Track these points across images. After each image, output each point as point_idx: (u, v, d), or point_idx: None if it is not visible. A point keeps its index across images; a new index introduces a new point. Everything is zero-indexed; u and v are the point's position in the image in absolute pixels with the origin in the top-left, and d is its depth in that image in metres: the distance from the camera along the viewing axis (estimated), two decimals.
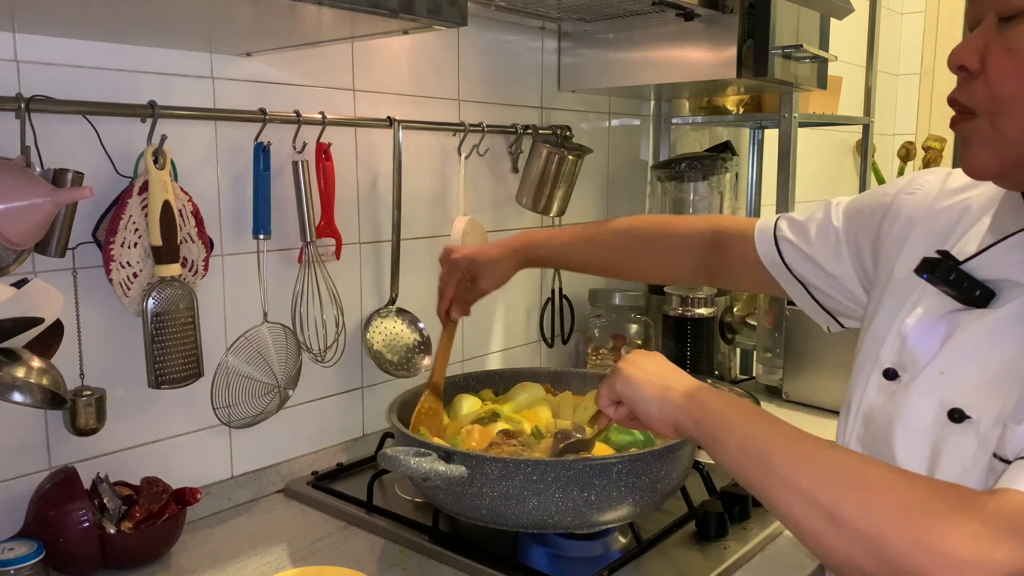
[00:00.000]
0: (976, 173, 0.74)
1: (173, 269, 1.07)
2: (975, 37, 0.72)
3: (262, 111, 1.18)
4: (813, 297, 1.03)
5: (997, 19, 0.70)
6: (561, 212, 1.63)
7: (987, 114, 0.71)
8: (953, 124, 0.75)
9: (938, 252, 0.76)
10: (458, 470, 0.95)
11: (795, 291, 1.04)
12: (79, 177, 0.98)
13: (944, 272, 0.74)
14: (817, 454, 0.65)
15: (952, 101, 0.75)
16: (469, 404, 1.27)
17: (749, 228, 1.07)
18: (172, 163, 1.08)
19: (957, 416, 0.70)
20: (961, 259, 0.75)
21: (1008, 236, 0.74)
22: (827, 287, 1.00)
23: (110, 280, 1.04)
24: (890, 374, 0.80)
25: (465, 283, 1.25)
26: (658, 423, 0.85)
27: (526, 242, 1.25)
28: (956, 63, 0.73)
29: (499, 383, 1.36)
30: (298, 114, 1.22)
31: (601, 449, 1.10)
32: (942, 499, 0.58)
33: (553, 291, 1.77)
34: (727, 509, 1.14)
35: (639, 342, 1.77)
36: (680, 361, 1.75)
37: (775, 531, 1.14)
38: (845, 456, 0.65)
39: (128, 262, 1.05)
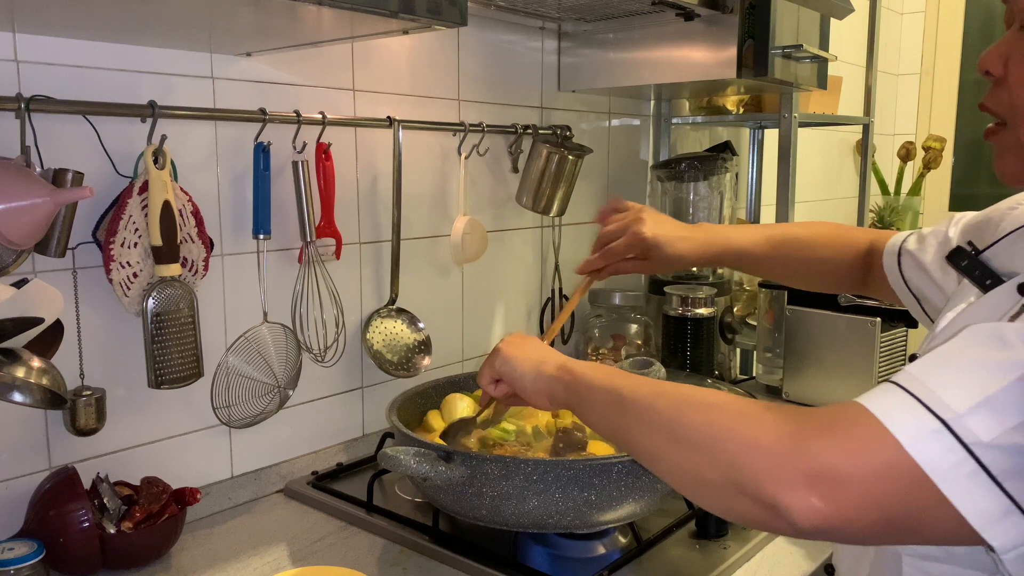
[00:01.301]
0: (1008, 180, 0.74)
1: (173, 269, 1.07)
2: (1002, 42, 0.71)
3: (262, 111, 1.18)
4: (925, 312, 1.01)
5: (1019, 26, 0.69)
6: (561, 212, 1.63)
7: (1011, 122, 0.71)
8: (986, 135, 0.75)
9: (968, 243, 0.78)
10: (458, 470, 0.95)
11: (910, 304, 1.03)
12: (79, 177, 0.98)
13: (959, 259, 0.75)
14: (666, 390, 0.70)
15: (982, 107, 0.75)
16: (464, 405, 1.27)
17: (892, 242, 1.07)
18: (172, 163, 1.08)
19: None
20: (981, 248, 0.76)
21: (1020, 227, 0.75)
22: (936, 299, 0.98)
23: (110, 280, 1.04)
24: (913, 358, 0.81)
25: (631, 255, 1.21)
26: (534, 395, 0.91)
27: (723, 247, 1.19)
28: (982, 68, 0.73)
29: None
30: (298, 114, 1.22)
31: (603, 449, 1.10)
32: (777, 410, 0.61)
33: (553, 291, 1.78)
34: None
35: (639, 342, 1.77)
36: (680, 361, 1.75)
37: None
38: (693, 389, 0.69)
39: (128, 262, 1.05)
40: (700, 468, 0.63)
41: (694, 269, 1.92)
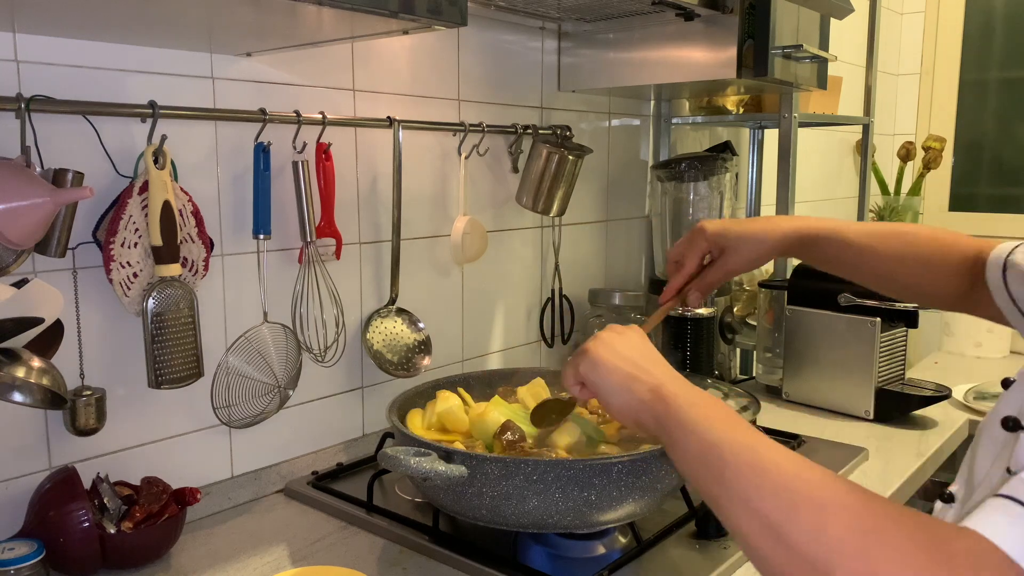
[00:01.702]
0: None
1: (173, 269, 1.07)
2: None
3: (262, 111, 1.18)
4: None
5: None
6: (561, 212, 1.63)
7: None
8: None
9: None
10: (458, 470, 0.95)
11: (1015, 319, 0.92)
12: (79, 177, 0.98)
13: None
14: (774, 468, 0.61)
15: None
16: (455, 403, 1.25)
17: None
18: (172, 163, 1.08)
19: (1011, 425, 0.65)
20: None
21: None
22: None
23: (110, 280, 1.04)
24: (1006, 383, 0.74)
25: (706, 259, 1.09)
26: (620, 415, 0.82)
27: (808, 229, 1.07)
28: None
29: (499, 383, 1.36)
30: (298, 114, 1.22)
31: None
32: (901, 529, 0.53)
33: (553, 291, 1.78)
34: None
35: None
36: (680, 361, 1.75)
37: None
38: (804, 472, 0.60)
39: (128, 262, 1.05)
40: None
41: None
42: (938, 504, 0.72)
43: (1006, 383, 0.71)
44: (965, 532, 0.51)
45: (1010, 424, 0.63)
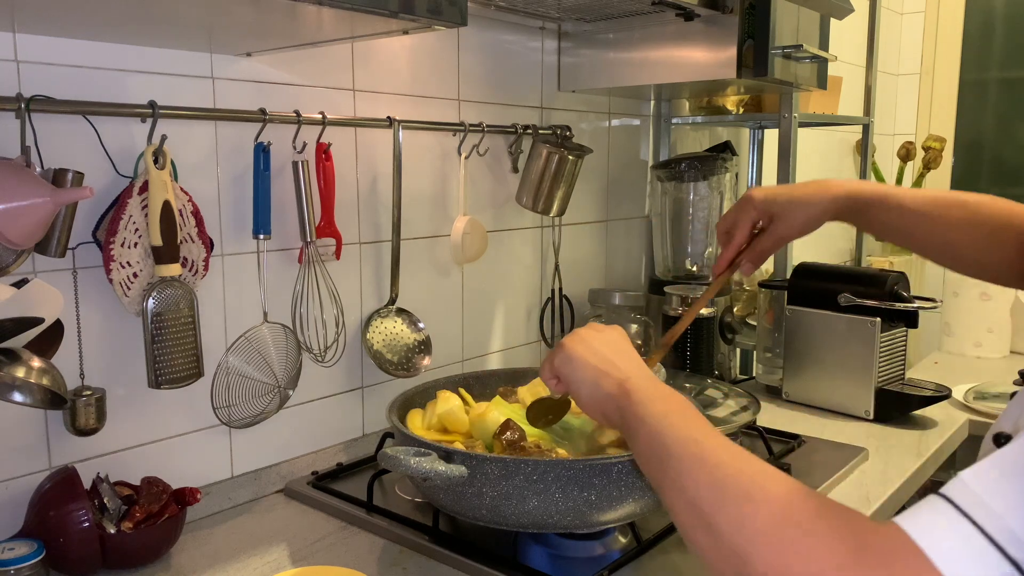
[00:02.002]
0: None
1: (173, 269, 1.07)
2: None
3: (262, 111, 1.18)
4: None
5: None
6: (561, 212, 1.63)
7: None
8: None
9: None
10: (458, 470, 0.95)
11: None
12: (79, 177, 0.98)
13: None
14: (713, 461, 0.62)
15: None
16: (455, 403, 1.25)
17: None
18: (172, 163, 1.08)
19: (1002, 441, 0.64)
20: None
21: None
22: None
23: (110, 280, 1.04)
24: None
25: (757, 227, 1.08)
26: (588, 408, 0.83)
27: (855, 192, 1.04)
28: None
29: (498, 383, 1.36)
30: (298, 114, 1.22)
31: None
32: (823, 520, 0.53)
33: (553, 291, 1.78)
34: None
35: (639, 342, 1.77)
36: (680, 361, 1.75)
37: None
38: (741, 465, 0.61)
39: (128, 262, 1.05)
40: (725, 571, 0.56)
41: (694, 269, 1.92)
42: None
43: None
44: (888, 526, 0.51)
45: (1001, 441, 0.63)
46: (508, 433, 1.07)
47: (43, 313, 0.95)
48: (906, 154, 2.97)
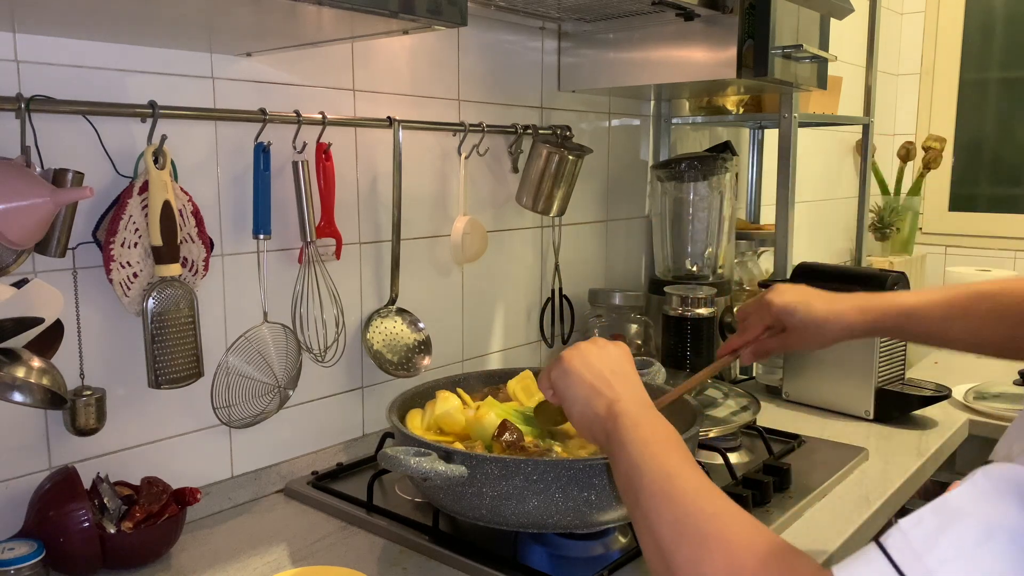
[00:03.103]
0: None
1: (173, 269, 1.07)
2: None
3: (262, 111, 1.18)
4: None
5: None
6: (561, 212, 1.63)
7: None
8: None
9: None
10: (458, 470, 0.95)
11: None
12: (79, 177, 0.98)
13: None
14: (680, 499, 0.64)
15: None
16: (454, 403, 1.25)
17: None
18: (172, 163, 1.08)
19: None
20: None
21: None
22: None
23: (110, 280, 1.04)
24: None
25: (772, 330, 1.09)
26: (578, 426, 0.84)
27: (878, 319, 1.03)
28: None
29: (499, 383, 1.36)
30: (298, 114, 1.22)
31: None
32: (767, 570, 0.55)
33: (553, 291, 1.78)
34: None
35: (639, 342, 1.77)
36: (680, 361, 1.75)
37: (776, 529, 1.14)
38: (705, 505, 0.63)
39: (128, 262, 1.05)
40: None
41: (694, 269, 1.92)
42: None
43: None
44: (827, 574, 0.52)
45: None
46: (506, 435, 1.07)
47: (43, 313, 0.95)
48: (906, 154, 2.97)
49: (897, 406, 1.61)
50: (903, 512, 1.28)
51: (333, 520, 1.19)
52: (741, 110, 2.04)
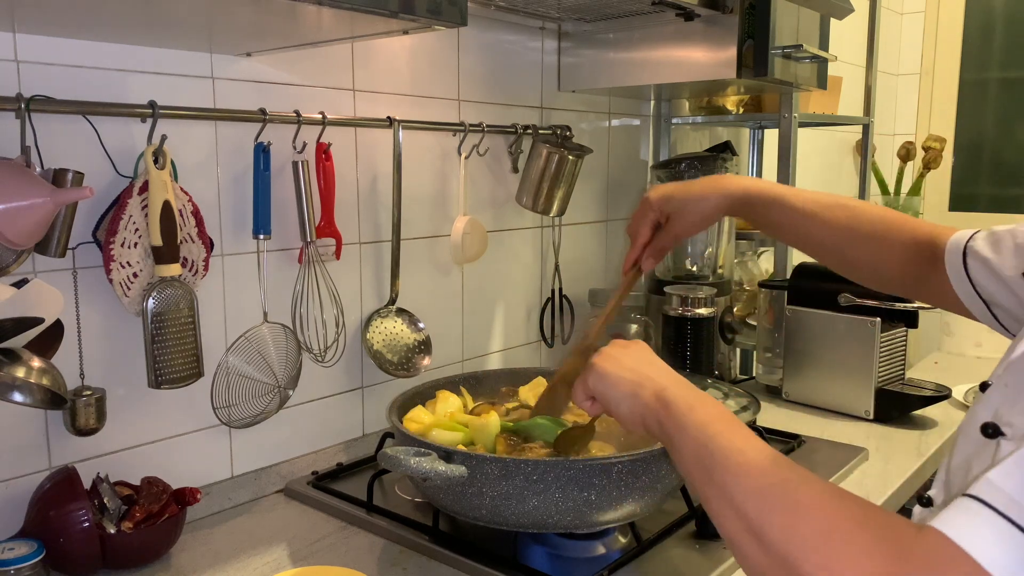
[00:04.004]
0: None
1: (173, 269, 1.07)
2: None
3: (262, 111, 1.18)
4: (997, 320, 0.91)
5: None
6: (561, 212, 1.63)
7: None
8: None
9: None
10: (458, 470, 0.95)
11: (979, 311, 0.91)
12: (79, 177, 0.98)
13: None
14: (758, 470, 0.64)
15: None
16: (454, 403, 1.25)
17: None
18: (172, 163, 1.08)
19: (991, 431, 0.65)
20: None
21: None
22: (1016, 310, 0.88)
23: (110, 280, 1.04)
24: (983, 386, 0.77)
25: (659, 225, 1.12)
26: (628, 422, 0.84)
27: (748, 190, 1.07)
28: None
29: (499, 383, 1.36)
30: (298, 114, 1.22)
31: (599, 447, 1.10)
32: (867, 529, 0.55)
33: (553, 291, 1.78)
34: None
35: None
36: (680, 361, 1.75)
37: None
38: (785, 473, 0.63)
39: (128, 262, 1.05)
40: None
41: (694, 269, 1.92)
42: (917, 508, 0.72)
43: (983, 387, 0.72)
44: (928, 531, 0.52)
45: (989, 431, 0.64)
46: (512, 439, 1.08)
47: (43, 313, 0.94)
48: (906, 154, 2.97)
49: (897, 406, 1.61)
50: (904, 512, 1.28)
51: (333, 520, 1.19)
52: (741, 110, 2.04)
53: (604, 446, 1.14)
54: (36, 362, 0.94)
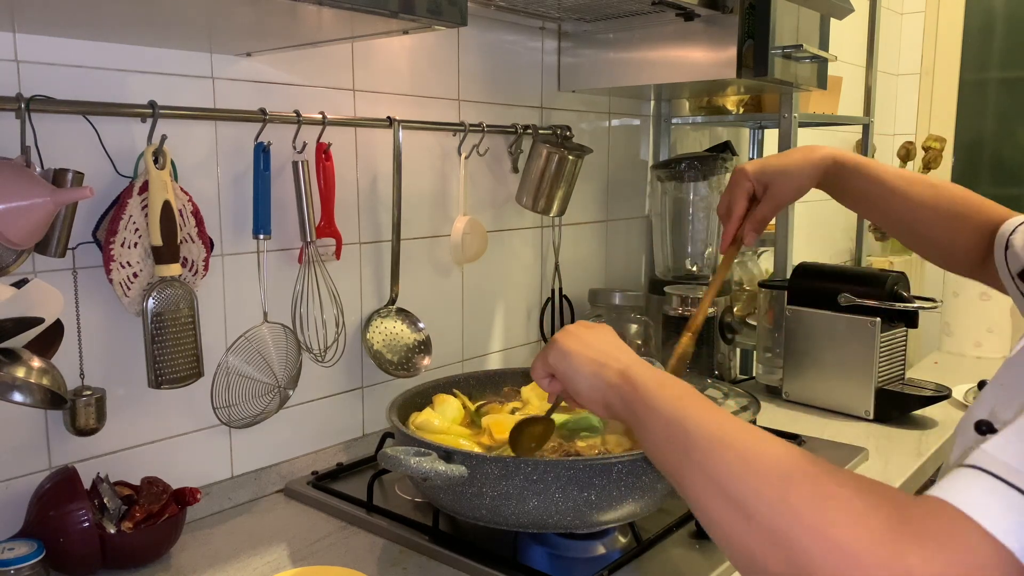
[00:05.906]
0: None
1: (173, 269, 1.07)
2: None
3: (262, 111, 1.18)
4: None
5: None
6: (561, 212, 1.63)
7: None
8: None
9: None
10: (458, 470, 0.95)
11: (1016, 298, 0.91)
12: (79, 177, 0.98)
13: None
14: (741, 443, 0.60)
15: None
16: (452, 407, 1.25)
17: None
18: (172, 163, 1.08)
19: (984, 428, 0.64)
20: None
21: None
22: None
23: (110, 280, 1.04)
24: (982, 385, 0.76)
25: (753, 197, 1.13)
26: (589, 401, 0.82)
27: (841, 156, 1.10)
28: None
29: (498, 383, 1.36)
30: (298, 114, 1.22)
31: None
32: (863, 495, 0.52)
33: (553, 291, 1.78)
34: None
35: (639, 342, 1.77)
36: None
37: None
38: (771, 446, 0.59)
39: (128, 262, 1.05)
40: (766, 557, 0.53)
41: (694, 269, 1.93)
42: None
43: (982, 384, 0.72)
44: (928, 498, 0.50)
45: (983, 428, 0.63)
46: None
47: (43, 313, 0.94)
48: (906, 154, 2.97)
49: (897, 406, 1.61)
50: None
51: (333, 520, 1.19)
52: (741, 110, 2.04)
53: (621, 440, 1.14)
54: (36, 362, 0.94)
